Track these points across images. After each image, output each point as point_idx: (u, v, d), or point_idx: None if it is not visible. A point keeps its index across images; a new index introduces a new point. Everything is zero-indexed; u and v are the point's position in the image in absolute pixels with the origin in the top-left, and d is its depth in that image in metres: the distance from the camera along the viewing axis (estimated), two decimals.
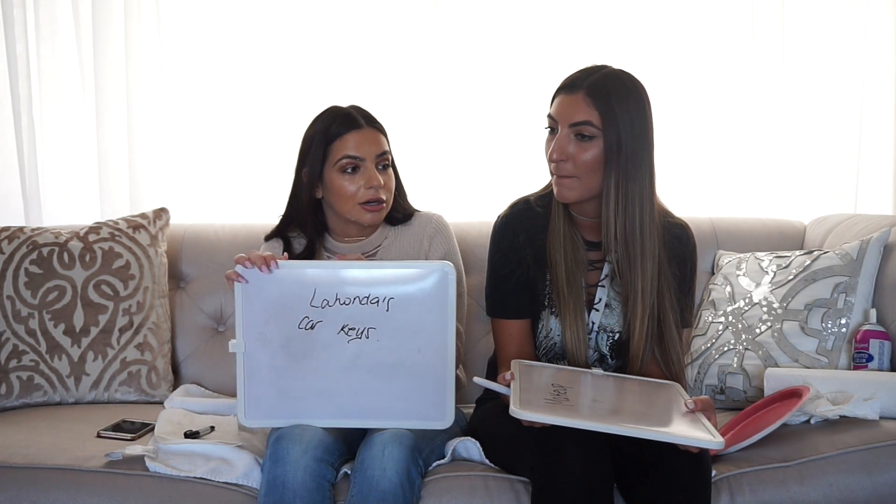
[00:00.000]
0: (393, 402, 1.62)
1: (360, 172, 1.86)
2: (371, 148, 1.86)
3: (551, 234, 1.76)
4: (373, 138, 1.88)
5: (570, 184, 1.70)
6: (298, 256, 1.91)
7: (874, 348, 1.92)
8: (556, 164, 1.70)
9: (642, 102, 1.70)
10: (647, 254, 1.70)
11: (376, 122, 1.91)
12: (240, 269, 1.61)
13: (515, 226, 1.78)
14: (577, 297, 1.73)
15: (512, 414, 1.45)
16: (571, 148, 1.68)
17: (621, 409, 1.56)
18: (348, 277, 1.61)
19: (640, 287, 1.70)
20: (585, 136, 1.67)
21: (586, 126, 1.66)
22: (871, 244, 2.05)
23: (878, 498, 1.64)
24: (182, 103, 2.66)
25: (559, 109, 1.70)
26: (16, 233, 2.22)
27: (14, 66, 2.58)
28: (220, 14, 2.65)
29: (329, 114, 1.91)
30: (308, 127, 1.93)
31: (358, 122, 1.88)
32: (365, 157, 1.86)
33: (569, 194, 1.71)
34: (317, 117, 1.92)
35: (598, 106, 1.66)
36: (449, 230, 1.98)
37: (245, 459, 1.69)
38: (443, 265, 1.60)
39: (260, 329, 1.61)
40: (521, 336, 1.78)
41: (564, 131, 1.68)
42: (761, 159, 2.70)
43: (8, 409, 2.12)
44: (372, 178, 1.85)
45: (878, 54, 2.67)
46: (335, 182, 1.86)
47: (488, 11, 2.66)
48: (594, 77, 1.69)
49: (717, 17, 2.67)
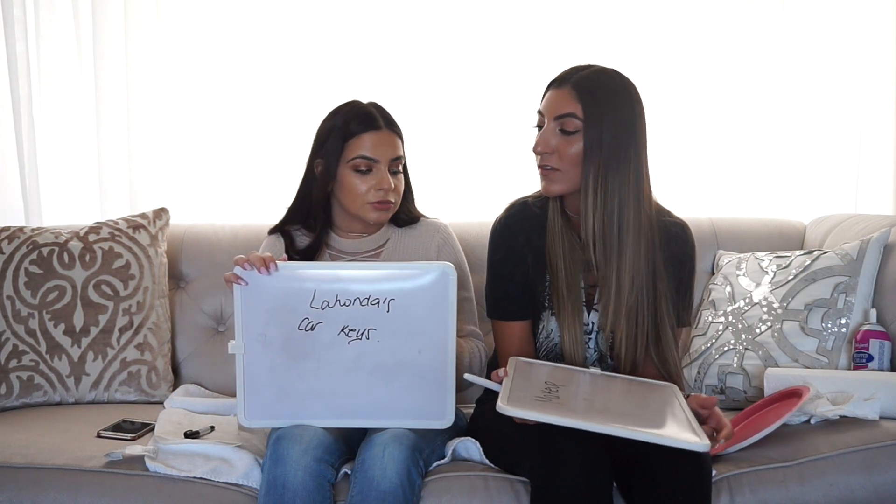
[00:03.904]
0: (393, 403, 1.62)
1: (373, 173, 1.85)
2: (387, 151, 1.86)
3: (549, 236, 1.76)
4: (390, 141, 1.87)
5: (554, 177, 1.71)
6: (302, 252, 1.91)
7: (874, 348, 1.92)
8: (540, 156, 1.71)
9: (630, 100, 1.70)
10: (626, 251, 1.69)
11: (395, 124, 1.90)
12: (238, 270, 1.61)
13: (514, 227, 1.79)
14: (575, 298, 1.73)
15: (498, 409, 1.45)
16: (555, 141, 1.69)
17: (611, 409, 1.55)
18: (348, 278, 1.60)
19: (614, 284, 1.69)
20: (569, 131, 1.68)
21: (570, 119, 1.67)
22: (871, 244, 2.05)
23: (878, 498, 1.64)
24: (182, 103, 2.66)
25: (546, 104, 1.72)
26: (16, 233, 2.22)
27: (14, 66, 2.58)
28: (219, 15, 2.65)
29: (349, 109, 1.89)
30: (326, 118, 1.92)
31: (377, 123, 1.87)
32: (379, 160, 1.85)
33: (553, 187, 1.72)
34: (336, 110, 1.91)
35: (583, 99, 1.67)
36: (455, 240, 1.99)
37: (245, 459, 1.69)
38: (443, 265, 1.60)
39: (259, 330, 1.61)
40: (522, 337, 1.78)
41: (550, 125, 1.70)
42: (761, 159, 2.70)
43: (8, 409, 2.13)
44: (383, 181, 1.85)
45: (878, 54, 2.67)
46: (347, 179, 1.86)
47: (488, 12, 2.66)
48: (583, 73, 1.70)
49: (717, 17, 2.67)
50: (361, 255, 1.93)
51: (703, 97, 2.69)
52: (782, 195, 2.70)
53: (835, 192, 2.70)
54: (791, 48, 2.68)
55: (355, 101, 1.92)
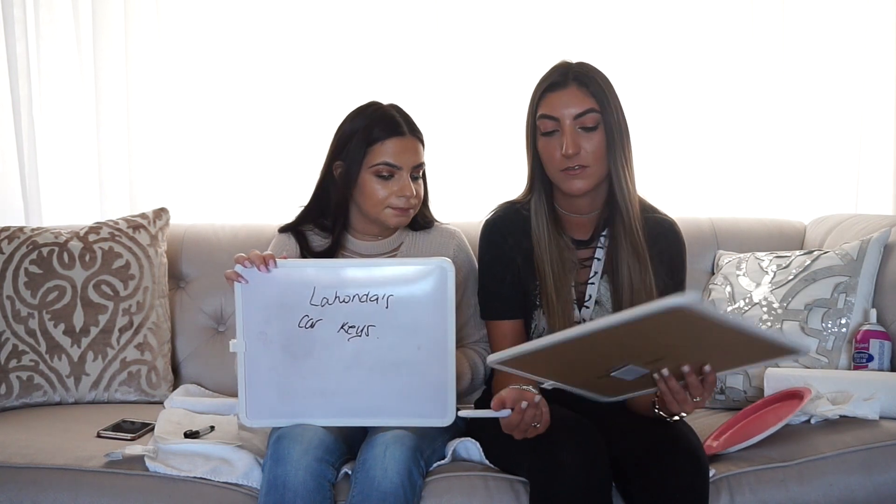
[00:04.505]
0: (394, 400, 1.62)
1: (395, 179, 1.83)
2: (410, 158, 1.84)
3: (535, 242, 1.75)
4: (413, 148, 1.85)
5: (584, 174, 1.70)
6: (318, 254, 1.90)
7: (874, 348, 1.92)
8: (570, 158, 1.68)
9: (612, 85, 1.74)
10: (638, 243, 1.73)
11: (418, 130, 1.87)
12: (239, 268, 1.61)
13: (503, 228, 1.79)
14: (565, 300, 1.72)
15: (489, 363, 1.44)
16: (581, 140, 1.69)
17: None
18: (347, 275, 1.60)
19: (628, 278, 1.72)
20: (590, 127, 1.69)
21: (590, 115, 1.68)
22: (871, 244, 2.05)
23: (878, 498, 1.64)
24: (182, 103, 2.67)
25: (557, 107, 1.70)
26: (16, 233, 2.22)
27: (14, 66, 2.58)
28: (219, 15, 2.66)
29: (372, 112, 1.86)
30: (346, 120, 1.88)
31: (401, 129, 1.84)
32: (402, 167, 1.83)
33: (583, 185, 1.71)
34: (358, 111, 1.88)
35: (593, 92, 1.69)
36: (469, 247, 1.97)
37: (245, 459, 1.69)
38: (441, 262, 1.59)
39: (260, 328, 1.61)
40: (515, 336, 1.78)
41: (571, 125, 1.68)
42: (761, 159, 2.70)
43: (8, 409, 2.13)
44: (405, 188, 1.83)
45: (878, 54, 2.67)
46: (368, 184, 1.84)
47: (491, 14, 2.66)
48: (573, 69, 1.72)
49: (717, 17, 2.67)
50: (376, 258, 1.92)
51: (703, 97, 2.69)
52: (782, 195, 2.70)
53: (835, 192, 2.70)
54: (791, 48, 2.68)
55: (377, 104, 1.88)
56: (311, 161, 1.99)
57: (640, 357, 1.41)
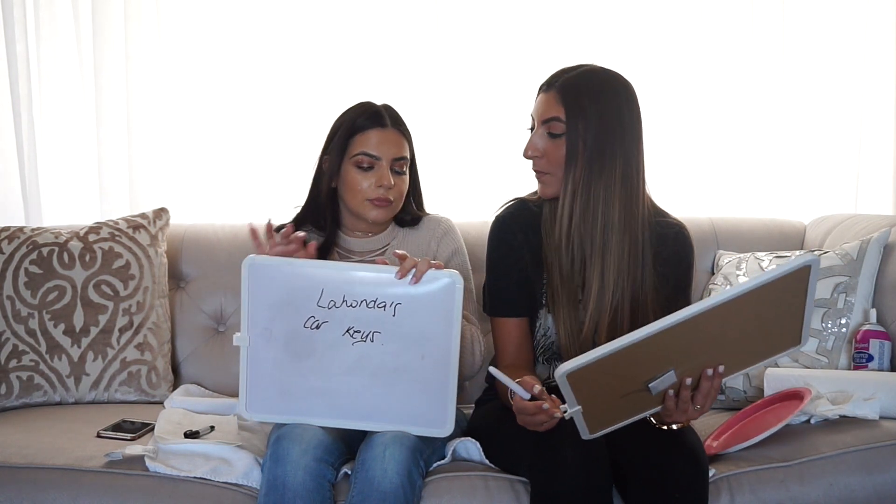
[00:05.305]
0: (394, 407, 1.62)
1: (374, 171, 1.86)
2: (390, 149, 1.87)
3: (545, 234, 1.76)
4: (394, 140, 1.88)
5: (546, 180, 1.72)
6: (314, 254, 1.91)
7: (874, 348, 1.92)
8: (531, 160, 1.73)
9: (617, 99, 1.68)
10: (610, 249, 1.67)
11: (403, 125, 1.91)
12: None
13: (512, 225, 1.79)
14: (571, 294, 1.72)
15: (560, 373, 1.37)
16: (543, 145, 1.70)
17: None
18: (357, 280, 1.60)
19: (597, 283, 1.68)
20: (555, 134, 1.69)
21: (555, 122, 1.68)
22: (871, 244, 2.05)
23: (878, 498, 1.64)
24: (182, 103, 2.66)
25: (535, 108, 1.74)
26: (16, 233, 2.22)
27: (14, 66, 2.58)
28: (219, 15, 2.66)
29: (359, 107, 1.92)
30: (338, 116, 1.94)
31: (383, 121, 1.88)
32: (381, 157, 1.86)
33: (546, 190, 1.73)
34: (348, 108, 1.93)
35: (565, 102, 1.67)
36: (457, 231, 2.00)
37: (245, 459, 1.69)
38: (450, 273, 1.59)
39: (265, 325, 1.61)
40: (520, 334, 1.78)
41: (539, 128, 1.71)
42: (761, 159, 2.70)
43: (8, 409, 2.12)
44: (383, 178, 1.85)
45: (878, 54, 2.67)
46: (349, 174, 1.87)
47: (492, 13, 2.66)
48: (569, 74, 1.70)
49: (717, 17, 2.68)
50: (368, 255, 1.93)
51: (703, 97, 2.69)
52: (782, 195, 2.71)
53: (835, 192, 2.71)
54: (791, 48, 2.68)
55: (368, 101, 1.94)
56: (310, 161, 1.99)
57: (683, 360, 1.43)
